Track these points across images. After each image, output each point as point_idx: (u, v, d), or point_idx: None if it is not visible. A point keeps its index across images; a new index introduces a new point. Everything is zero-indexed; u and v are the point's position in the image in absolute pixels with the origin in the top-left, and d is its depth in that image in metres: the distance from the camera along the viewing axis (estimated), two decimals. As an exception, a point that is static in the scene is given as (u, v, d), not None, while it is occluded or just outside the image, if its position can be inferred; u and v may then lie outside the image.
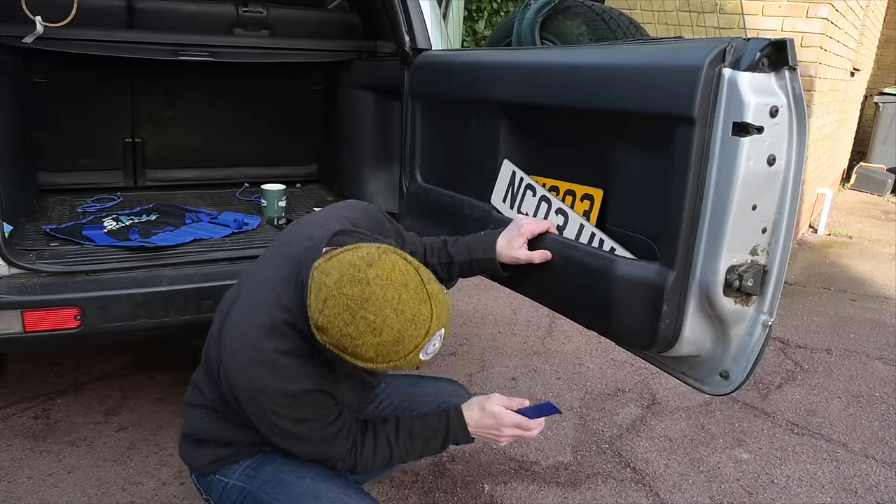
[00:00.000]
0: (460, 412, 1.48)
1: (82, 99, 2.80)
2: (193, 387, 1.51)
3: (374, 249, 1.14)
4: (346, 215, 1.46)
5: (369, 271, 1.10)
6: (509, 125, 1.76)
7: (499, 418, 1.45)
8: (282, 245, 1.43)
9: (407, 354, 1.12)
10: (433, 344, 1.14)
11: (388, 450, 1.45)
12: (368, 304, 1.08)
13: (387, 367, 1.14)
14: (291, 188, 3.05)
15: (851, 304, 4.05)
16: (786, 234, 1.25)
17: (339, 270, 1.11)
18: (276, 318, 1.26)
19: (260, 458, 1.47)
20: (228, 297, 1.44)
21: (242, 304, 1.34)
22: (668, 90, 1.24)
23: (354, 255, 1.13)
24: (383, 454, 1.44)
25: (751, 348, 1.33)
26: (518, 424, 1.44)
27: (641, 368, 2.97)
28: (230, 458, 1.46)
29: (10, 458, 2.15)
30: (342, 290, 1.09)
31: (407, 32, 2.35)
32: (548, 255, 1.54)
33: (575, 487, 2.17)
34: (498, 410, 1.45)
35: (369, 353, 1.11)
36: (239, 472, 1.46)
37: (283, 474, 1.44)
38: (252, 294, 1.35)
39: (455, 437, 1.48)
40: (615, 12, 2.48)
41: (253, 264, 1.49)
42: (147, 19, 2.68)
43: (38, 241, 2.15)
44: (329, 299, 1.10)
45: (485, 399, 1.48)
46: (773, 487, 2.23)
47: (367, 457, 1.43)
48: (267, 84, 3.11)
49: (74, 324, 1.79)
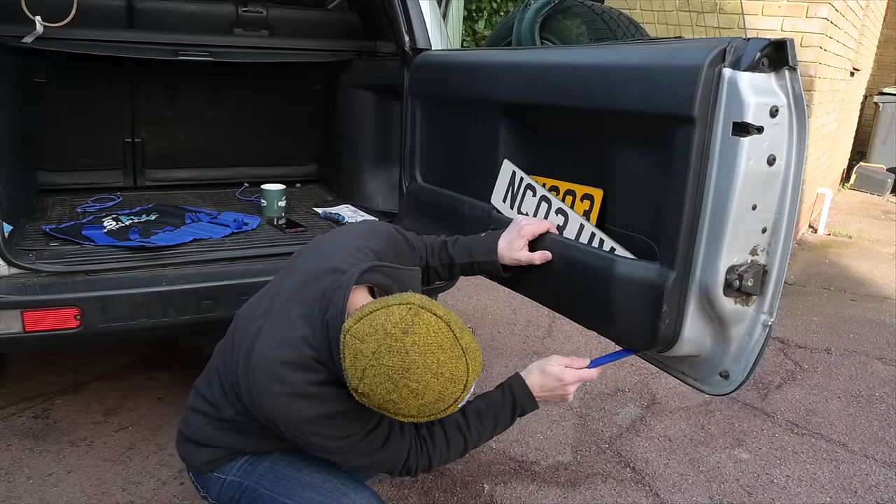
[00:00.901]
0: (522, 381, 1.47)
1: (82, 99, 2.80)
2: (198, 394, 1.49)
3: (406, 312, 1.13)
4: (367, 245, 1.43)
5: (406, 339, 1.10)
6: (509, 125, 1.76)
7: (562, 377, 1.45)
8: (304, 276, 1.38)
9: (447, 408, 1.15)
10: (471, 393, 1.18)
11: (461, 438, 1.43)
12: (409, 373, 1.10)
13: (427, 419, 1.17)
14: (291, 188, 3.05)
15: (851, 304, 4.05)
16: (786, 234, 1.25)
17: (375, 340, 1.11)
18: (304, 356, 1.26)
19: (258, 453, 1.47)
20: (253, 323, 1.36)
21: (268, 336, 1.30)
22: (668, 90, 1.24)
23: (388, 321, 1.12)
24: (457, 443, 1.43)
25: (751, 348, 1.33)
26: (580, 378, 1.46)
27: (641, 368, 2.97)
28: (228, 456, 1.46)
29: (10, 458, 2.15)
30: (381, 361, 1.10)
31: (407, 32, 2.35)
32: (548, 256, 1.54)
33: (575, 487, 2.17)
34: (559, 371, 1.45)
35: (412, 413, 1.14)
36: (236, 467, 1.45)
37: (281, 467, 1.43)
38: (277, 327, 1.31)
39: (522, 407, 1.47)
40: (615, 12, 2.48)
41: (271, 282, 1.45)
42: (147, 19, 2.68)
43: (37, 241, 2.14)
44: (368, 369, 1.11)
45: (544, 362, 1.48)
46: (772, 487, 2.23)
47: (442, 449, 1.41)
48: (267, 84, 3.11)
49: (74, 324, 1.79)
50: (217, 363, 1.46)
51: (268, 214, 2.62)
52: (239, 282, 1.99)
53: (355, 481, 1.44)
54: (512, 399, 1.47)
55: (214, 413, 1.43)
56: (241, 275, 2.03)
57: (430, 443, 1.41)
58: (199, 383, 1.51)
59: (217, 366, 1.45)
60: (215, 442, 1.44)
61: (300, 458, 1.44)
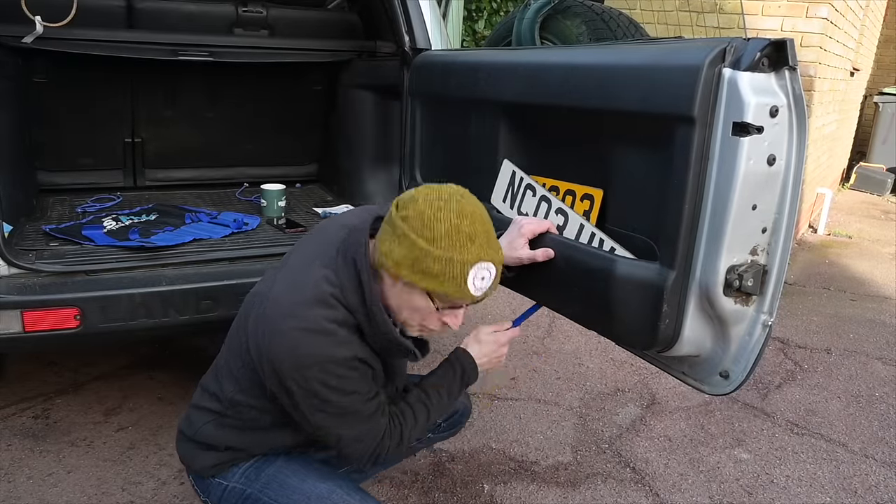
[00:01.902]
0: (466, 351, 1.57)
1: (82, 99, 2.80)
2: (203, 390, 1.49)
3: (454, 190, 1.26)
4: (377, 210, 1.46)
5: (452, 202, 1.22)
6: (509, 125, 1.76)
7: (497, 340, 1.58)
8: (317, 238, 1.43)
9: (460, 273, 1.20)
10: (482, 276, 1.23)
11: (425, 411, 1.48)
12: (441, 213, 1.20)
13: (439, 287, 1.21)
14: (291, 188, 3.05)
15: (851, 304, 4.05)
16: (786, 233, 1.25)
17: (423, 200, 1.23)
18: (323, 292, 1.27)
19: (261, 459, 1.46)
20: (259, 288, 1.41)
21: (282, 285, 1.32)
22: (668, 90, 1.24)
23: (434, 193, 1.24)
24: (422, 417, 1.47)
25: (751, 348, 1.33)
26: (510, 338, 1.60)
27: (641, 368, 2.97)
28: (231, 461, 1.45)
29: (10, 458, 2.15)
30: (424, 209, 1.21)
31: (406, 32, 2.35)
32: (550, 254, 1.54)
33: (574, 487, 2.17)
34: (493, 336, 1.59)
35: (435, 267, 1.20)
36: (239, 474, 1.44)
37: (285, 476, 1.43)
38: (292, 276, 1.33)
39: (469, 378, 1.56)
40: (615, 12, 2.48)
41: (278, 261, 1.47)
42: (147, 19, 2.68)
43: (37, 240, 2.14)
44: (411, 218, 1.21)
45: (477, 333, 1.60)
46: (772, 487, 2.23)
47: (410, 423, 1.44)
48: (267, 84, 3.11)
49: (74, 324, 1.79)
50: (224, 356, 1.46)
51: (268, 214, 2.62)
52: (239, 282, 1.98)
53: (361, 492, 1.44)
54: (461, 370, 1.54)
55: (218, 408, 1.42)
56: (241, 275, 2.03)
57: (401, 419, 1.43)
58: (206, 380, 1.51)
59: (224, 359, 1.45)
60: (217, 441, 1.44)
61: (304, 468, 1.44)
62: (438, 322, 1.31)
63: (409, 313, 1.30)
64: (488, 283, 1.24)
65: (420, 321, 1.31)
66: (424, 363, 1.64)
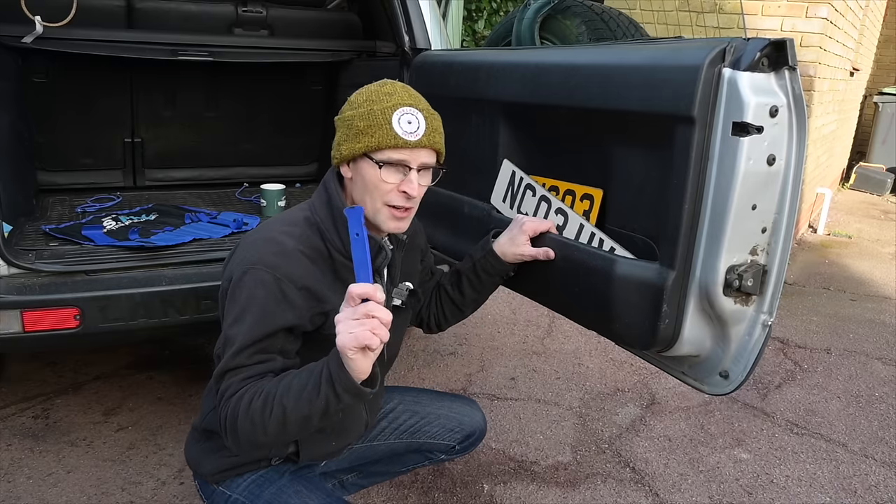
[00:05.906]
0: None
1: (82, 99, 2.80)
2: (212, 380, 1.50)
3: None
4: None
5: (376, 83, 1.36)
6: (509, 125, 1.76)
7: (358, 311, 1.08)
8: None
9: (385, 109, 1.30)
10: (408, 120, 1.30)
11: (273, 400, 1.17)
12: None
13: (371, 141, 1.28)
14: (291, 188, 3.05)
15: (851, 304, 4.05)
16: (786, 233, 1.25)
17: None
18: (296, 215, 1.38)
19: (265, 473, 1.45)
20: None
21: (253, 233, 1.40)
22: (668, 90, 1.24)
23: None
24: (255, 405, 1.18)
25: (750, 348, 1.33)
26: (369, 311, 1.06)
27: (641, 368, 2.97)
28: (237, 469, 1.45)
29: (10, 458, 2.15)
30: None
31: (406, 32, 2.35)
32: (551, 254, 1.54)
33: (574, 487, 2.17)
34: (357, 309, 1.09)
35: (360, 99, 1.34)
36: (243, 486, 1.44)
37: (288, 496, 1.41)
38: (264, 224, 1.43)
39: (331, 370, 1.12)
40: (615, 12, 2.48)
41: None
42: (146, 19, 2.68)
43: (37, 240, 2.14)
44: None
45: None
46: (772, 487, 2.23)
47: (255, 404, 1.18)
48: (266, 84, 3.11)
49: (74, 324, 1.79)
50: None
51: (267, 214, 2.62)
52: (239, 282, 1.98)
53: None
54: (325, 361, 1.15)
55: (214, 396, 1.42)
56: (241, 275, 2.03)
57: (253, 390, 1.20)
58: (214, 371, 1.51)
59: None
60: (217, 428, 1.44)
61: (307, 489, 1.43)
62: (397, 193, 1.33)
63: (369, 197, 1.33)
64: (416, 127, 1.31)
65: (382, 200, 1.33)
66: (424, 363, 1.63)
